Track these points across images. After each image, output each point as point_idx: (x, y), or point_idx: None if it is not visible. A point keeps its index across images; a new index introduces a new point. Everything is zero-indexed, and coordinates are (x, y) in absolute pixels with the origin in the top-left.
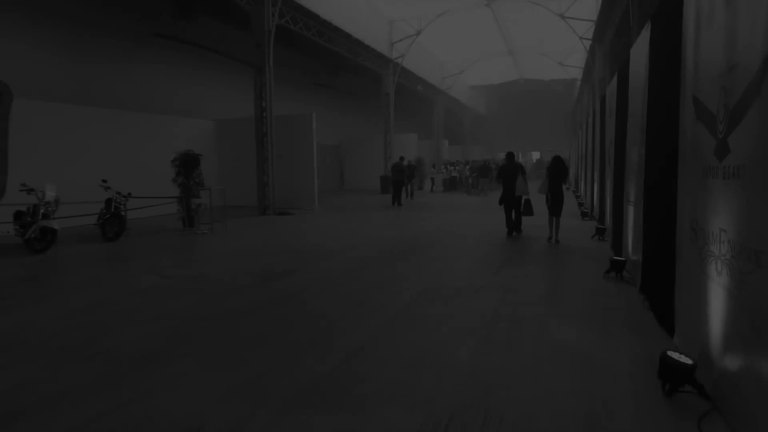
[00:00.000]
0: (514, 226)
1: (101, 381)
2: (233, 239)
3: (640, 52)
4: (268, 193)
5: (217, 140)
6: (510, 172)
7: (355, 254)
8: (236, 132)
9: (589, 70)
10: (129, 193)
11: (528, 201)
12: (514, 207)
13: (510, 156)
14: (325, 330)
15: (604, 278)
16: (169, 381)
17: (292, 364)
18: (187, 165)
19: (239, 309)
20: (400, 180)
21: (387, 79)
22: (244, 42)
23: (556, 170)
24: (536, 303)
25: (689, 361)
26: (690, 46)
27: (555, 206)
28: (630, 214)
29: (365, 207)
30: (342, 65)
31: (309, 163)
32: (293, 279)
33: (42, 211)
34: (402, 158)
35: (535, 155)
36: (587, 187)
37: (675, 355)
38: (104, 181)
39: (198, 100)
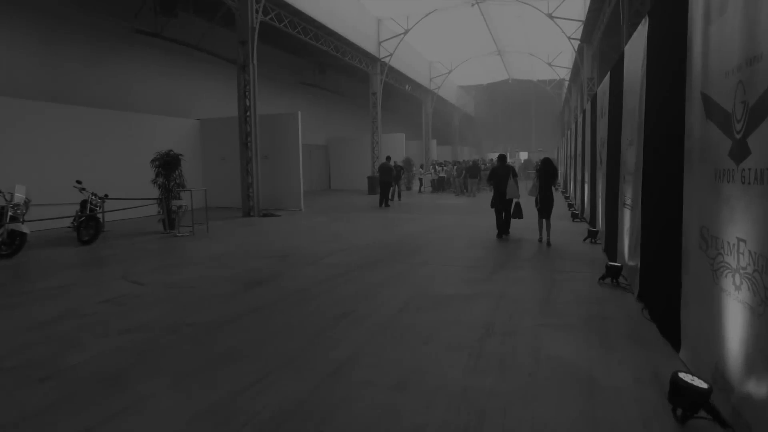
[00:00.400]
0: (504, 228)
1: (59, 405)
2: (215, 243)
3: (635, 49)
4: (253, 195)
5: (202, 140)
6: (501, 174)
7: (340, 259)
8: (221, 131)
9: (577, 71)
10: (106, 195)
11: (518, 204)
12: (505, 209)
13: (502, 158)
14: (306, 345)
15: (599, 284)
16: (135, 403)
17: (268, 385)
18: (167, 166)
19: (215, 320)
20: (387, 181)
21: (375, 79)
22: (228, 39)
23: (546, 172)
24: (530, 312)
25: (704, 385)
26: (697, 40)
27: (545, 208)
28: (626, 217)
29: (352, 208)
30: (329, 64)
31: (295, 164)
32: (274, 286)
33: (10, 213)
34: (389, 158)
35: (523, 156)
36: (577, 189)
37: (687, 378)
38: (79, 182)
39: (181, 99)
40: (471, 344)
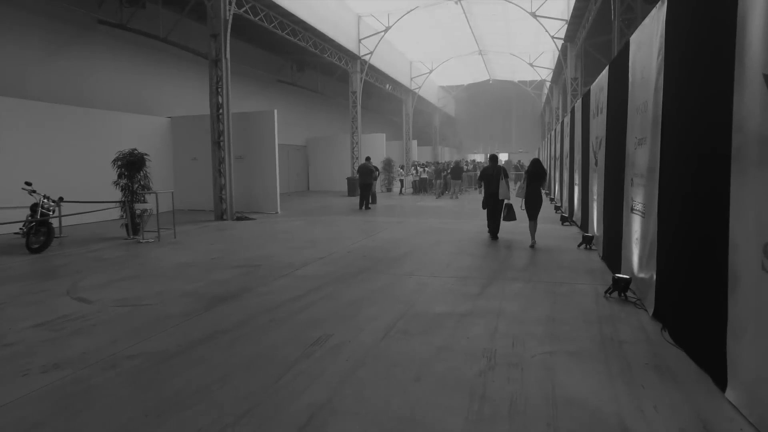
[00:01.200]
0: (494, 230)
1: None
2: (181, 250)
3: (646, 37)
4: (226, 197)
5: (173, 139)
6: (492, 174)
7: (316, 269)
8: (193, 130)
9: (559, 71)
10: (60, 198)
11: (510, 206)
12: (496, 210)
13: (493, 158)
14: (272, 384)
15: (606, 298)
16: None
17: None
18: (130, 166)
19: (165, 350)
20: (367, 183)
21: (354, 77)
22: (200, 32)
23: (535, 173)
24: (536, 336)
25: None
26: (756, 13)
27: (533, 209)
28: (635, 224)
29: (331, 211)
30: (308, 62)
31: (271, 164)
32: (240, 304)
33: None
34: (369, 159)
35: (503, 156)
36: (564, 190)
37: None
38: (28, 183)
39: (150, 96)
40: (471, 380)
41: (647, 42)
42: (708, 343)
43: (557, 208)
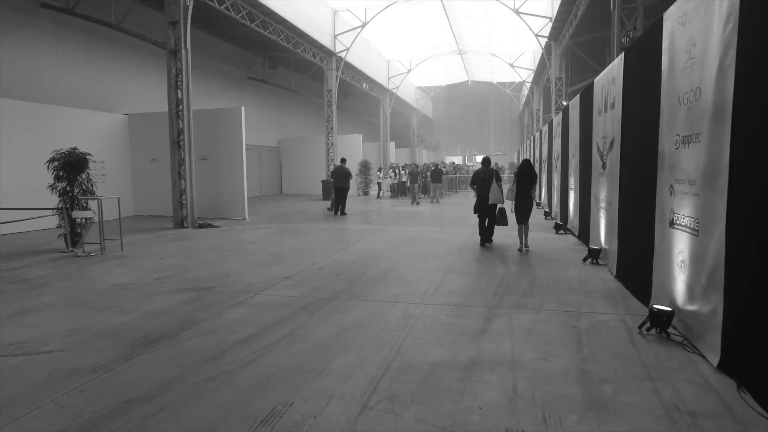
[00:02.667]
0: (487, 235)
1: None
2: (123, 266)
3: (699, 6)
4: (186, 203)
5: (130, 138)
6: (484, 178)
7: (280, 294)
8: (152, 128)
9: (540, 72)
10: None
11: (502, 210)
12: (489, 215)
13: (486, 161)
14: None
15: (641, 335)
16: None
17: None
18: (70, 167)
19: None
20: (343, 186)
21: (330, 75)
22: (159, 21)
23: (525, 175)
24: (572, 403)
25: None
26: None
27: (523, 213)
28: (679, 243)
29: (304, 217)
30: (280, 58)
31: (238, 166)
32: (174, 350)
33: None
34: (344, 161)
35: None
36: (554, 195)
37: None
38: None
39: (104, 90)
40: None
41: (700, 12)
42: None
43: (546, 214)
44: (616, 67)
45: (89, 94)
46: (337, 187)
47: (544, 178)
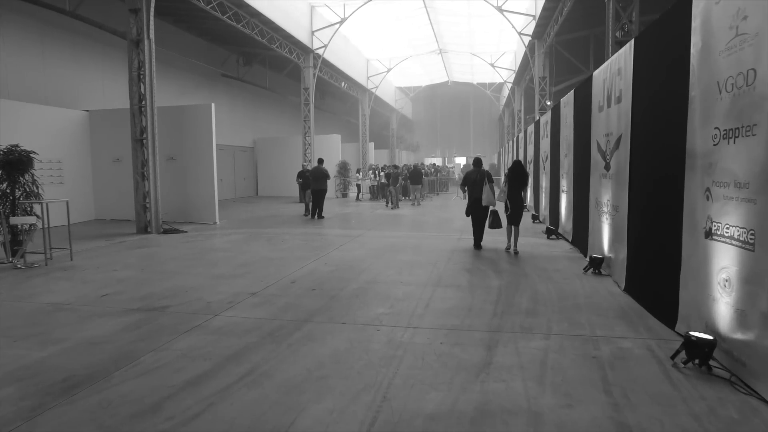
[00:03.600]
0: (478, 238)
1: None
2: (67, 280)
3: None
4: (150, 206)
5: (91, 136)
6: (476, 180)
7: (243, 314)
8: (116, 126)
9: (522, 72)
10: None
11: (495, 212)
12: (480, 216)
13: (477, 162)
14: None
15: (677, 368)
16: None
17: None
18: (10, 167)
19: None
20: (321, 188)
21: (307, 72)
22: (121, 8)
23: (517, 176)
24: None
25: None
26: None
27: (515, 215)
28: (722, 258)
29: (279, 221)
30: (255, 55)
31: (208, 167)
32: (94, 401)
33: None
34: (321, 161)
35: (460, 160)
36: (543, 198)
37: None
38: None
39: (62, 84)
40: None
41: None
42: None
43: (534, 217)
44: (623, 56)
45: (44, 88)
46: (314, 189)
47: (530, 180)
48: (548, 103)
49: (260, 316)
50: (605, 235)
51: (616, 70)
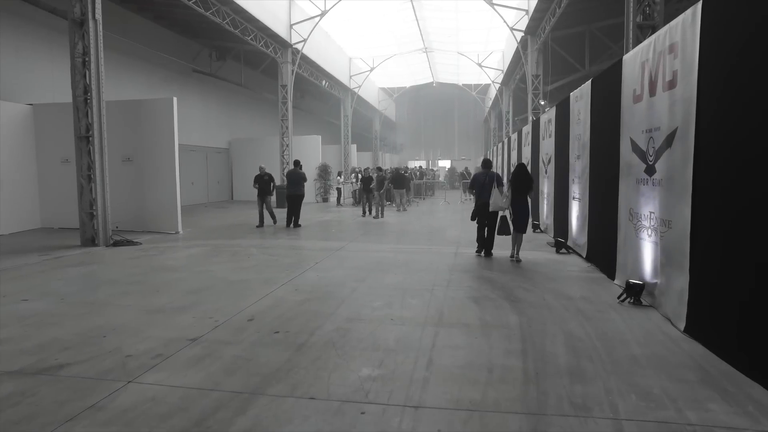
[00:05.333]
0: (486, 246)
1: None
2: None
3: None
4: (97, 214)
5: (35, 133)
6: (484, 182)
7: (166, 384)
8: (66, 122)
9: (511, 72)
10: None
11: (504, 218)
12: (489, 223)
13: (486, 163)
14: None
15: None
16: None
17: None
18: None
19: None
20: (297, 194)
21: (285, 68)
22: None
23: (522, 180)
24: None
25: None
26: None
27: (520, 221)
28: None
29: (250, 230)
30: (229, 49)
31: (169, 169)
32: None
33: None
34: (298, 163)
35: (445, 163)
36: (545, 205)
37: None
38: None
39: (2, 75)
40: None
41: None
42: None
43: (536, 226)
44: (679, 27)
45: None
46: (290, 195)
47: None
48: (542, 103)
49: (193, 384)
50: (647, 256)
51: (666, 47)
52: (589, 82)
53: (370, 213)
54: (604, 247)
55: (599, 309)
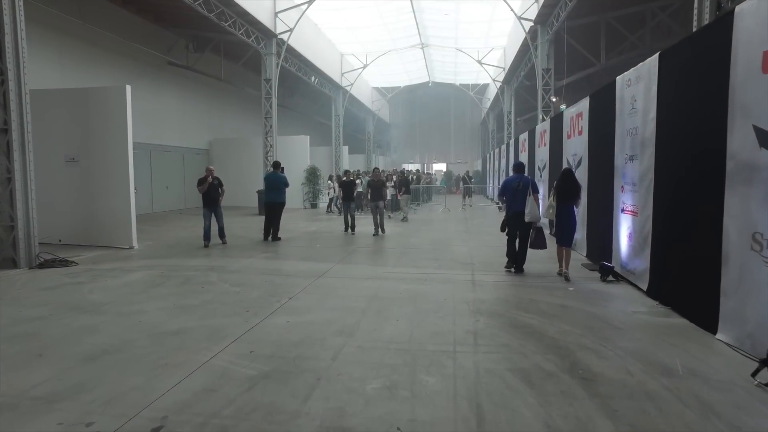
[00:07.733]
0: (518, 261)
1: None
2: None
3: None
4: (17, 228)
5: None
6: (517, 188)
7: None
8: None
9: (514, 69)
10: None
11: (540, 229)
12: (522, 234)
13: (519, 166)
14: None
15: None
16: None
17: None
18: None
19: None
20: (276, 201)
21: (269, 60)
22: None
23: (568, 190)
24: None
25: None
26: None
27: (565, 234)
28: None
29: (218, 244)
30: (208, 40)
31: (123, 172)
32: None
33: None
34: (279, 165)
35: (439, 167)
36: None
37: None
38: None
39: None
40: None
41: None
42: None
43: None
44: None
45: None
46: (268, 202)
47: (542, 191)
48: (554, 99)
49: None
50: None
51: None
52: (654, 57)
53: (352, 230)
54: (693, 284)
55: (735, 402)
